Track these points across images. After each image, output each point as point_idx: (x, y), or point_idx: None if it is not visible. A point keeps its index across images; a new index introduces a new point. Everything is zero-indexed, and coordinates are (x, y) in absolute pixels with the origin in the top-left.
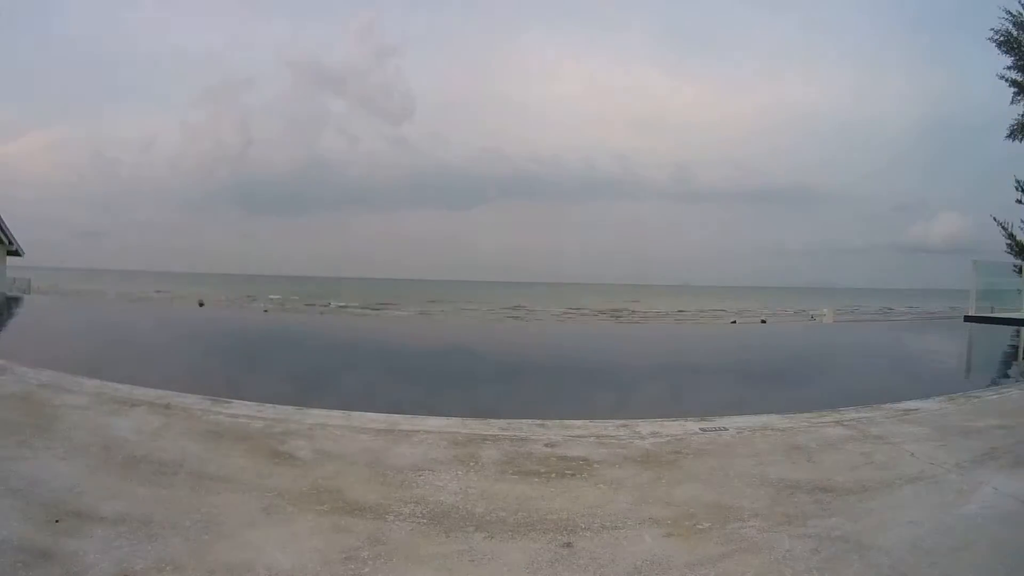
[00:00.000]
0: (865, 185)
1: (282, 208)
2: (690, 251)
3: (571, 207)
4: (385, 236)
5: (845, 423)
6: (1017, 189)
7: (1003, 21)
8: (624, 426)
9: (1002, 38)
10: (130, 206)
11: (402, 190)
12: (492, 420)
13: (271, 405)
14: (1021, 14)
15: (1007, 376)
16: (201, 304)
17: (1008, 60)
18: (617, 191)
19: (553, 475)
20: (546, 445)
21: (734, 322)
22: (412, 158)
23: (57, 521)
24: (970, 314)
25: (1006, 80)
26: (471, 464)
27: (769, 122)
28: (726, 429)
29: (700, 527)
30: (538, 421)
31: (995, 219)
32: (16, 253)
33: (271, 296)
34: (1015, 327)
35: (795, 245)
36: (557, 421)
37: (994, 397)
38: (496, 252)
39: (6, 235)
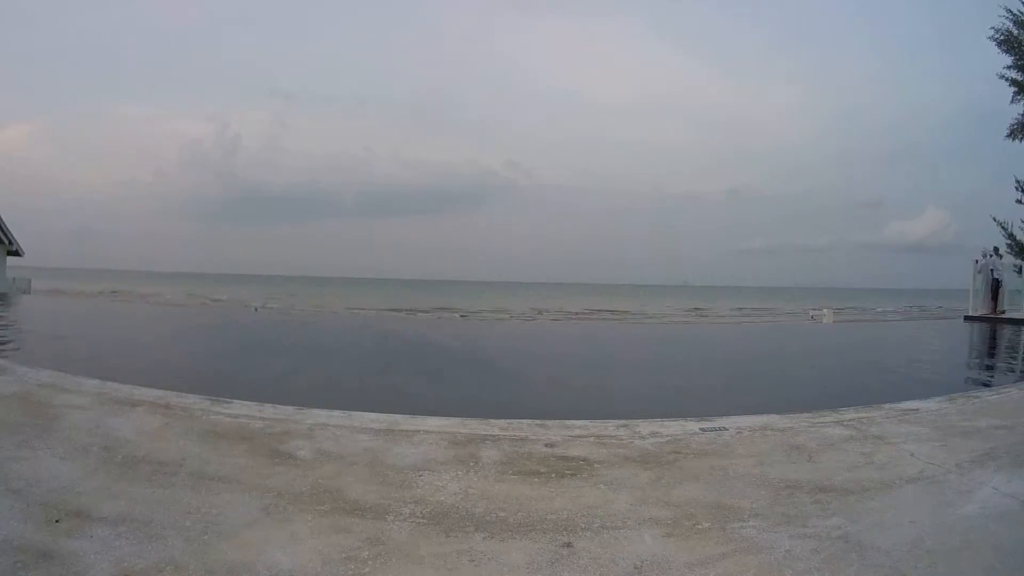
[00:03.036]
0: (839, 183)
1: (279, 214)
2: (661, 252)
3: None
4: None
5: (845, 423)
6: (1017, 189)
7: (1003, 19)
8: (624, 426)
9: (1002, 37)
10: (121, 206)
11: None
12: (492, 420)
13: (271, 405)
14: (1022, 13)
15: (1007, 376)
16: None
17: (1008, 59)
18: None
19: (553, 475)
20: (546, 445)
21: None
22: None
23: (57, 521)
24: (970, 314)
25: (1006, 79)
26: (471, 464)
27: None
28: (726, 429)
29: (700, 527)
30: (538, 421)
31: (995, 219)
32: (16, 253)
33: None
34: (1015, 327)
35: (759, 244)
36: (557, 421)
37: (994, 397)
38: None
39: (6, 235)
